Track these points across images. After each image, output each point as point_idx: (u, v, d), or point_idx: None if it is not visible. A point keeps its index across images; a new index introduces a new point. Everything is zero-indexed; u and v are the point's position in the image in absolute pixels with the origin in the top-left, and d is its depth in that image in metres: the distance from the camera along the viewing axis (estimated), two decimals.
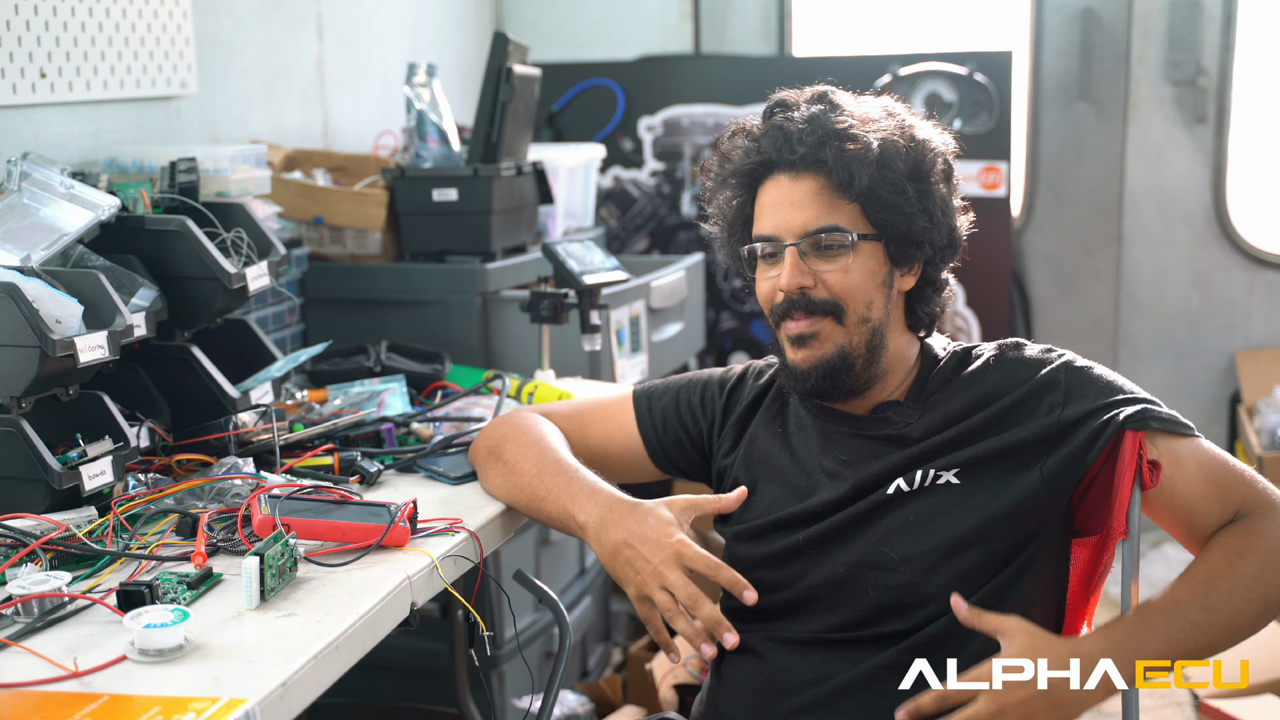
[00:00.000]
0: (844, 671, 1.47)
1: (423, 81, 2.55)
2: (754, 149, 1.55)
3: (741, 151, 1.56)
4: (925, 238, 1.53)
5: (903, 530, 1.49)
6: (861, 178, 1.48)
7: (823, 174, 1.50)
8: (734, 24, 4.01)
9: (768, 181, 1.55)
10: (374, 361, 2.22)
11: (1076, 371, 1.52)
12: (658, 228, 3.84)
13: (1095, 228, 4.02)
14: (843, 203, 1.50)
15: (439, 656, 2.44)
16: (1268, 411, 3.67)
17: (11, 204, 1.68)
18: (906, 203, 1.51)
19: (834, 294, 1.51)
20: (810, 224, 1.50)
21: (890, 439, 1.53)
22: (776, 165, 1.53)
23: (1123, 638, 1.36)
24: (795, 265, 1.50)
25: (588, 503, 1.52)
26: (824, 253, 1.50)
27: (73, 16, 2.14)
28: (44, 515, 1.47)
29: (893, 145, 1.50)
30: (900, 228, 1.51)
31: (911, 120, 1.56)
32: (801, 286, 1.50)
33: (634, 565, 1.45)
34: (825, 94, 1.56)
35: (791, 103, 1.56)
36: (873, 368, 1.54)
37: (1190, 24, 3.79)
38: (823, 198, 1.50)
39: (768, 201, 1.54)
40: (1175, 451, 1.46)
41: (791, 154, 1.50)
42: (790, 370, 1.56)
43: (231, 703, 1.09)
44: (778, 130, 1.52)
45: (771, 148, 1.52)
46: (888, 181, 1.49)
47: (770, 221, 1.53)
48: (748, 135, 1.57)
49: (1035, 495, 1.47)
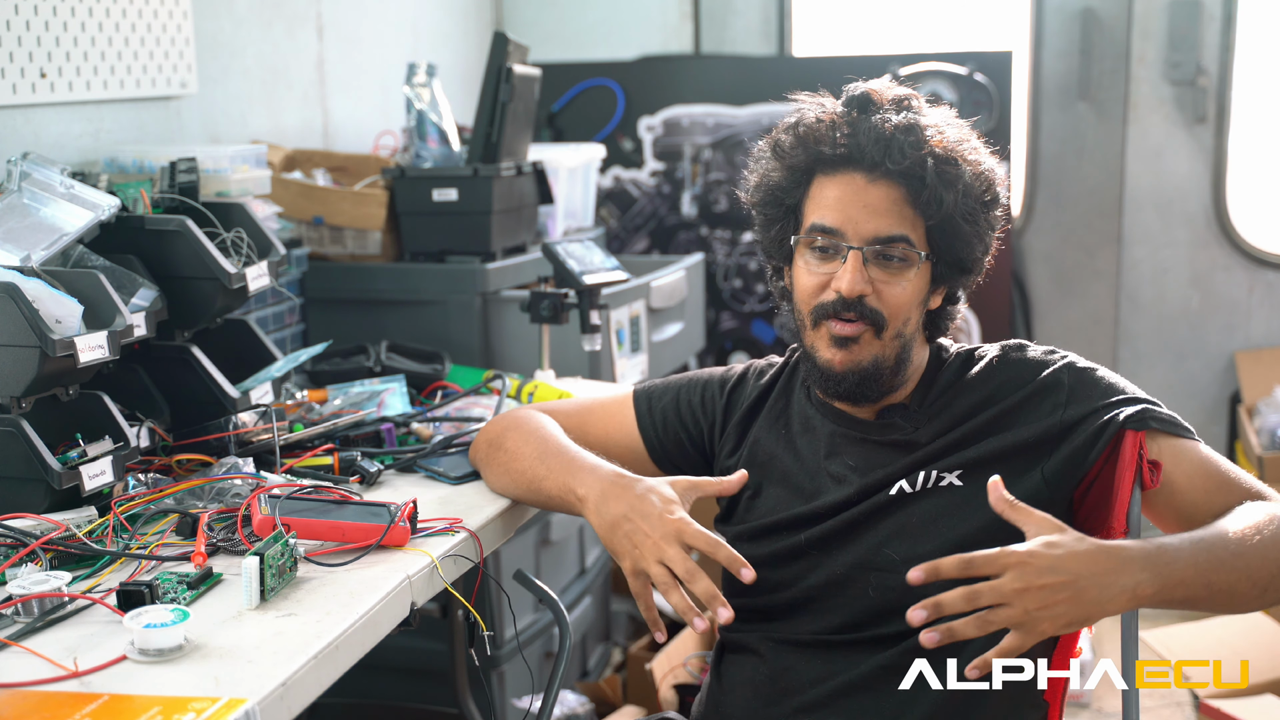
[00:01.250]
0: (845, 672, 1.47)
1: (423, 81, 2.55)
2: (834, 139, 1.49)
3: (819, 136, 1.50)
4: (976, 267, 1.54)
5: (905, 532, 1.49)
6: (948, 201, 1.47)
7: (906, 185, 1.47)
8: (734, 24, 4.01)
9: (837, 174, 1.50)
10: (374, 361, 2.22)
11: (1079, 372, 1.52)
12: (658, 228, 3.84)
13: (1095, 228, 4.02)
14: (914, 218, 1.48)
15: (439, 656, 2.44)
16: (1268, 411, 3.67)
17: (11, 204, 1.68)
18: (975, 233, 1.51)
19: (884, 307, 1.49)
20: (882, 231, 1.47)
21: (898, 444, 1.53)
22: (858, 163, 1.48)
23: (1155, 550, 1.29)
24: (859, 271, 1.47)
25: (589, 477, 1.51)
26: (885, 263, 1.48)
27: (73, 16, 2.14)
28: (44, 515, 1.47)
29: (975, 173, 1.50)
30: (959, 254, 1.52)
31: (980, 145, 1.54)
32: (862, 293, 1.48)
33: (632, 539, 1.43)
34: (912, 100, 1.53)
35: (878, 101, 1.51)
36: (896, 378, 1.54)
37: (1190, 24, 3.79)
38: (897, 208, 1.48)
39: (834, 194, 1.50)
40: (1175, 452, 1.46)
41: (891, 160, 1.46)
42: (822, 370, 1.53)
43: (231, 703, 1.09)
44: (876, 130, 1.47)
45: (868, 144, 1.46)
46: (965, 209, 1.49)
47: (835, 216, 1.49)
48: (830, 123, 1.51)
49: (1037, 496, 1.47)
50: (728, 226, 3.76)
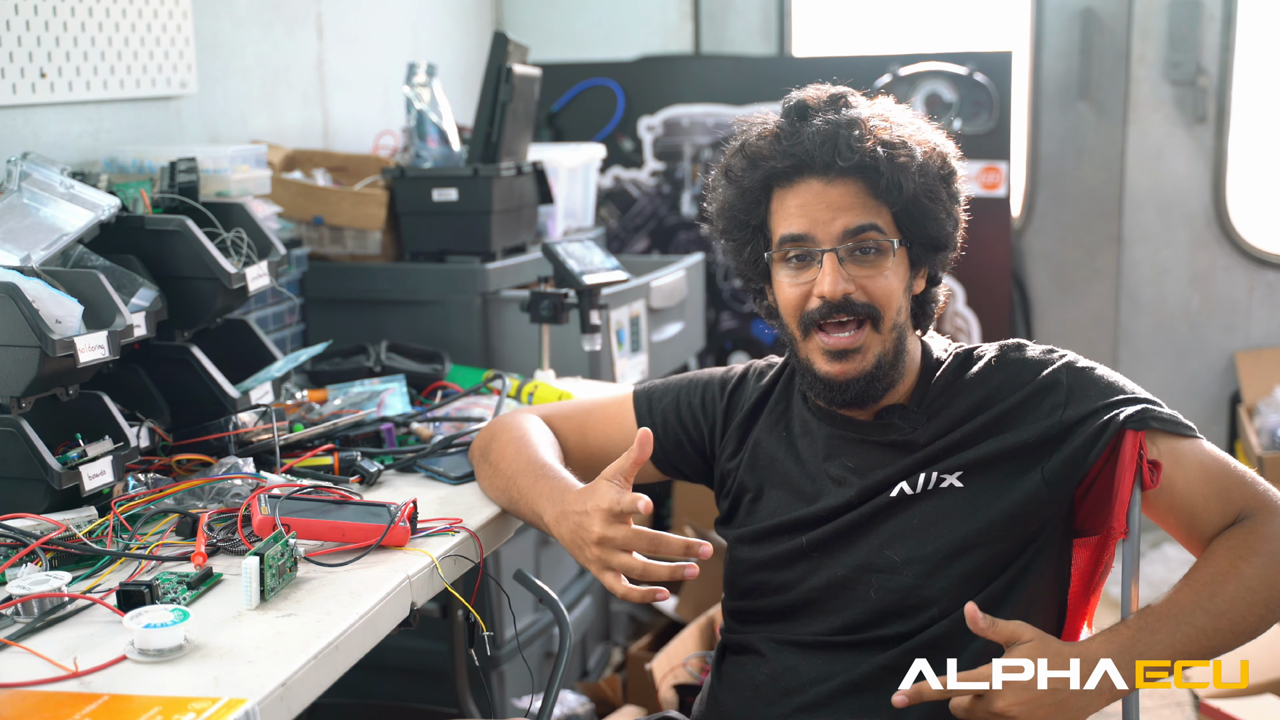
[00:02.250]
0: (846, 672, 1.47)
1: (423, 81, 2.55)
2: (783, 150, 1.49)
3: (767, 151, 1.51)
4: (949, 243, 1.54)
5: (906, 533, 1.48)
6: (908, 185, 1.47)
7: (863, 179, 1.47)
8: (734, 24, 4.01)
9: (794, 184, 1.50)
10: (374, 361, 2.22)
11: (1078, 372, 1.52)
12: (658, 228, 3.84)
13: (1095, 228, 4.02)
14: (878, 207, 1.49)
15: (439, 656, 2.44)
16: (1268, 411, 3.67)
17: (11, 204, 1.68)
18: (939, 209, 1.51)
19: (873, 299, 1.48)
20: (851, 224, 1.47)
21: (897, 445, 1.53)
22: (810, 168, 1.48)
23: (1126, 641, 1.36)
24: (837, 270, 1.47)
25: (548, 501, 1.50)
26: (861, 258, 1.48)
27: (73, 16, 2.14)
28: (44, 515, 1.47)
29: (927, 152, 1.50)
30: (930, 233, 1.51)
31: (924, 124, 1.55)
32: (846, 292, 1.47)
33: (581, 535, 1.42)
34: (845, 96, 1.53)
35: (815, 105, 1.52)
36: (895, 371, 1.53)
37: (1190, 24, 3.79)
38: (860, 201, 1.48)
39: (795, 203, 1.50)
40: (1176, 451, 1.46)
41: (841, 158, 1.46)
42: (825, 383, 1.52)
43: (231, 703, 1.09)
44: (821, 133, 1.47)
45: (814, 148, 1.47)
46: (925, 188, 1.49)
47: (802, 223, 1.49)
48: (773, 137, 1.51)
49: (1037, 497, 1.47)
50: None
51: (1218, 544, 1.43)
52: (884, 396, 1.54)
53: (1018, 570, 1.48)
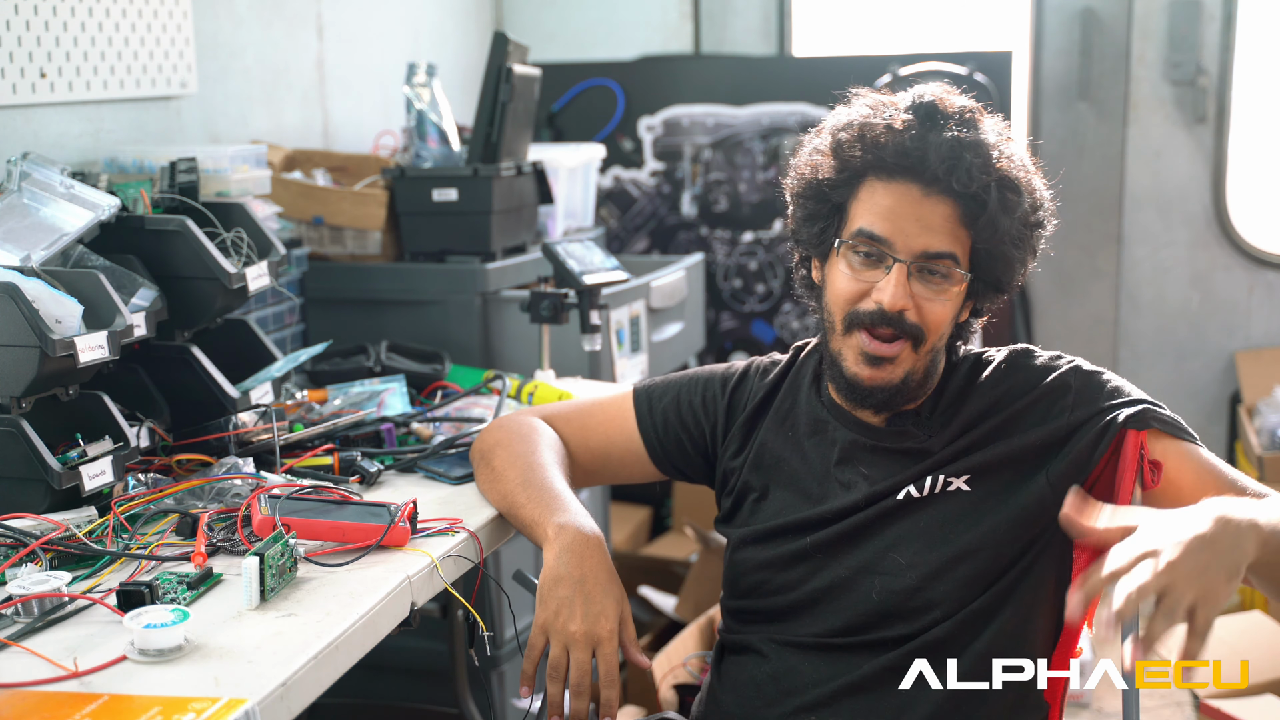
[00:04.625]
0: (846, 673, 1.47)
1: (423, 81, 2.55)
2: (901, 148, 1.44)
3: (885, 141, 1.45)
4: (1011, 289, 1.53)
5: (912, 537, 1.48)
6: (1003, 227, 1.45)
7: (962, 205, 1.44)
8: (734, 24, 4.01)
9: (893, 181, 1.45)
10: (374, 361, 2.22)
11: (1086, 376, 1.52)
12: (658, 228, 3.84)
13: (1095, 228, 4.02)
14: (964, 236, 1.46)
15: (439, 656, 2.44)
16: (1268, 411, 3.67)
17: (11, 204, 1.68)
18: (1019, 257, 1.49)
19: (924, 322, 1.46)
20: (932, 248, 1.44)
21: (911, 452, 1.52)
22: (918, 175, 1.44)
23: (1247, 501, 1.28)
24: (903, 285, 1.44)
25: (564, 521, 1.48)
26: (928, 279, 1.46)
27: (73, 16, 2.14)
28: (44, 515, 1.47)
29: (1029, 201, 1.48)
30: (1000, 276, 1.50)
31: (1030, 163, 1.52)
32: (904, 308, 1.45)
33: (560, 609, 1.42)
34: (975, 114, 1.49)
35: (944, 113, 1.47)
36: (920, 389, 1.52)
37: (1190, 24, 3.79)
38: (949, 226, 1.45)
39: (886, 203, 1.45)
40: (1176, 452, 1.46)
41: (958, 182, 1.42)
42: (849, 380, 1.50)
43: (231, 703, 1.09)
44: (947, 146, 1.43)
45: (934, 160, 1.43)
46: (1016, 235, 1.47)
47: (886, 226, 1.45)
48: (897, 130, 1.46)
49: (1042, 500, 1.47)
50: (728, 226, 3.76)
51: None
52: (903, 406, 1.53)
53: (1019, 571, 1.48)
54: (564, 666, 1.40)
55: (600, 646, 1.41)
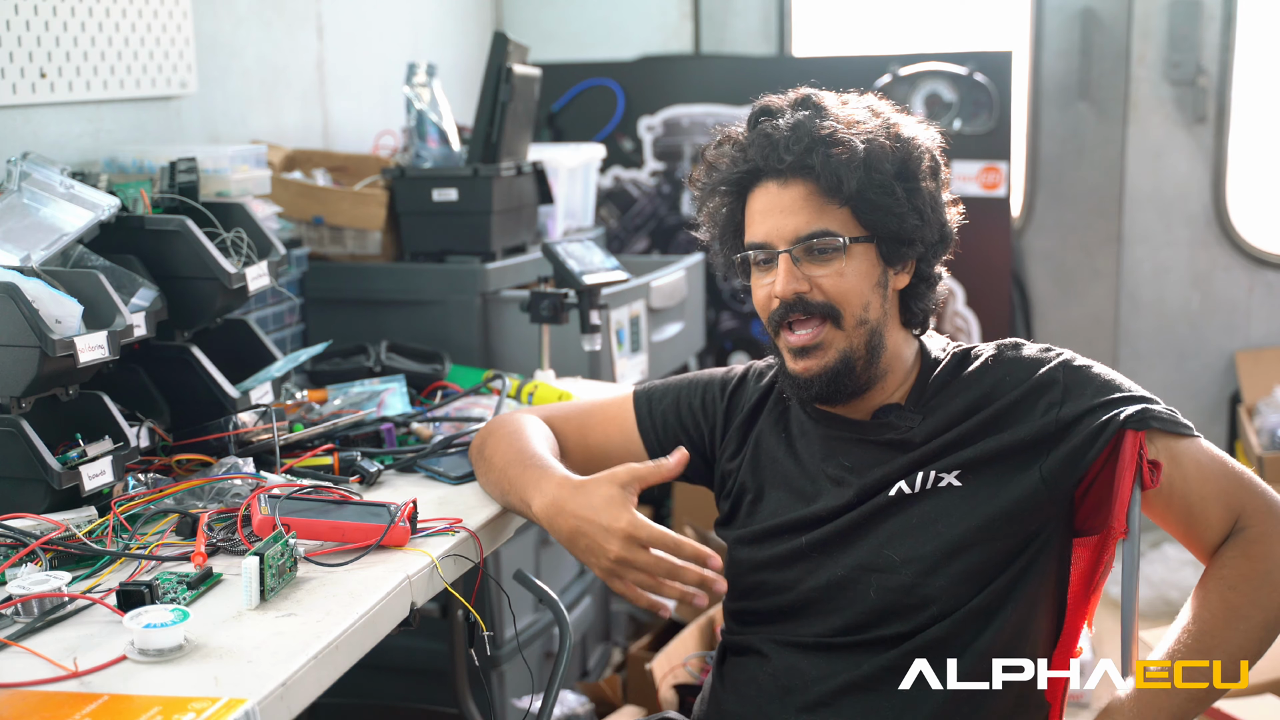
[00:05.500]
0: (847, 672, 1.47)
1: (423, 81, 2.55)
2: (740, 157, 1.54)
3: (729, 160, 1.55)
4: (916, 235, 1.53)
5: (905, 533, 1.48)
6: (849, 181, 1.47)
7: (810, 179, 1.49)
8: (734, 24, 4.01)
9: (756, 189, 1.54)
10: (374, 361, 2.22)
11: (1075, 370, 1.52)
12: (658, 228, 3.84)
13: (1095, 228, 4.02)
14: (832, 206, 1.50)
15: (439, 656, 2.44)
16: (1268, 411, 3.67)
17: (11, 204, 1.68)
18: (895, 203, 1.50)
19: (830, 298, 1.50)
20: (801, 229, 1.49)
21: (893, 444, 1.53)
22: (764, 173, 1.52)
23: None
24: (789, 271, 1.49)
25: (536, 491, 1.51)
26: (817, 257, 1.50)
27: (73, 16, 2.14)
28: (44, 515, 1.47)
29: (878, 146, 1.50)
30: (891, 228, 1.51)
31: (897, 118, 1.55)
32: (797, 292, 1.49)
33: (593, 551, 1.43)
34: (809, 97, 1.55)
35: (775, 109, 1.55)
36: (873, 368, 1.53)
37: (1190, 24, 3.79)
38: (812, 202, 1.50)
39: (758, 209, 1.53)
40: (1175, 451, 1.46)
41: (779, 162, 1.49)
42: (792, 379, 1.54)
43: (231, 703, 1.09)
44: (764, 138, 1.51)
45: (759, 156, 1.51)
46: (875, 183, 1.49)
47: (761, 229, 1.52)
48: (734, 144, 1.56)
49: (1035, 495, 1.47)
50: None
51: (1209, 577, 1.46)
52: (862, 393, 1.54)
53: (1018, 570, 1.48)
54: (648, 578, 1.40)
55: (639, 540, 1.39)
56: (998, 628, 1.46)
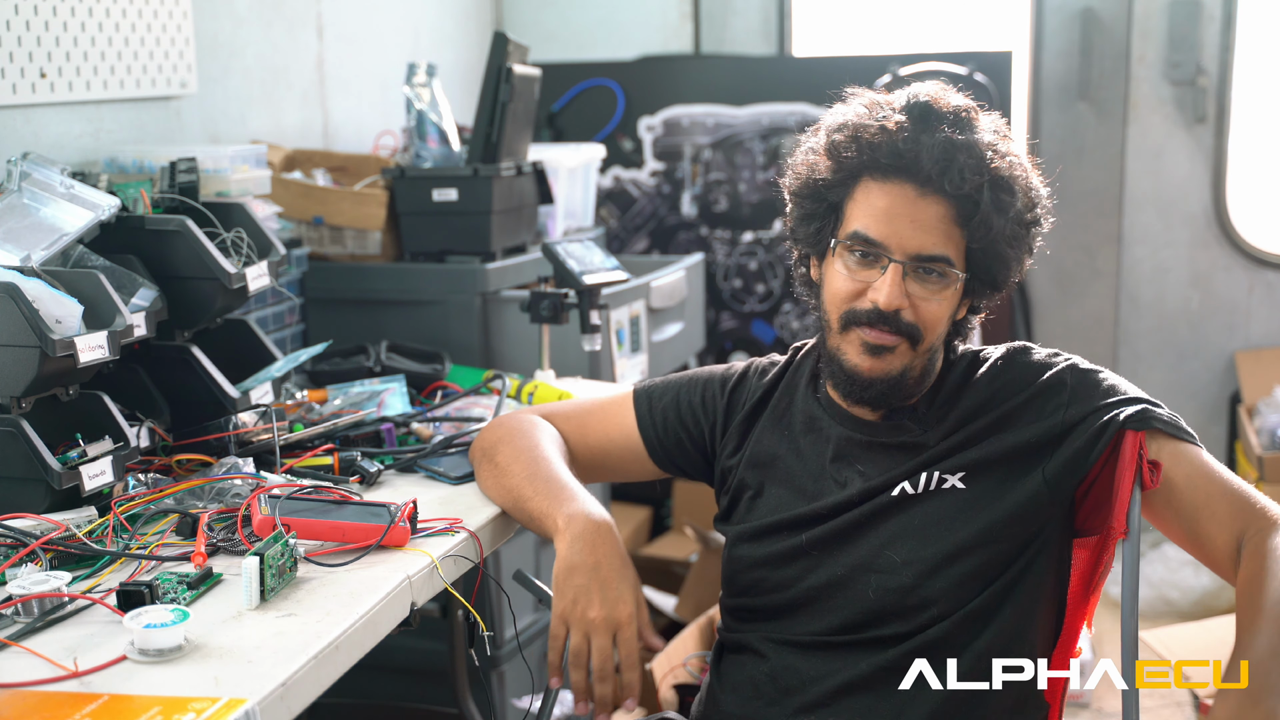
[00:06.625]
0: (845, 671, 1.47)
1: (423, 81, 2.55)
2: (894, 148, 1.45)
3: (878, 141, 1.46)
4: (1008, 286, 1.53)
5: (907, 534, 1.48)
6: (997, 227, 1.45)
7: (956, 205, 1.45)
8: (734, 24, 4.01)
9: (888, 182, 1.46)
10: (374, 361, 2.22)
11: (1082, 374, 1.52)
12: (658, 228, 3.84)
13: (1095, 228, 4.02)
14: (957, 234, 1.46)
15: (439, 656, 2.44)
16: (1268, 411, 3.67)
17: (11, 204, 1.68)
18: (1014, 256, 1.50)
19: (920, 321, 1.47)
20: (925, 248, 1.45)
21: (906, 447, 1.53)
22: (913, 175, 1.45)
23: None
24: (899, 285, 1.45)
25: (573, 510, 1.49)
26: (924, 278, 1.46)
27: (73, 16, 2.14)
28: (44, 515, 1.47)
29: (1025, 198, 1.48)
30: (996, 275, 1.50)
31: (1027, 161, 1.52)
32: (899, 307, 1.46)
33: (579, 597, 1.42)
34: (969, 112, 1.49)
35: (938, 113, 1.48)
36: (918, 387, 1.53)
37: (1190, 24, 3.79)
38: (943, 226, 1.45)
39: (882, 204, 1.46)
40: (1175, 452, 1.46)
41: (950, 184, 1.43)
42: (849, 374, 1.50)
43: (231, 703, 1.09)
44: (938, 146, 1.44)
45: (928, 161, 1.43)
46: (1010, 234, 1.47)
47: (879, 227, 1.45)
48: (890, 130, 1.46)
49: (1037, 497, 1.47)
50: (728, 226, 3.76)
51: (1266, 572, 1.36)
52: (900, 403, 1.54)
53: (1019, 570, 1.48)
54: (586, 654, 1.41)
55: (620, 631, 1.42)
56: (997, 628, 1.46)
